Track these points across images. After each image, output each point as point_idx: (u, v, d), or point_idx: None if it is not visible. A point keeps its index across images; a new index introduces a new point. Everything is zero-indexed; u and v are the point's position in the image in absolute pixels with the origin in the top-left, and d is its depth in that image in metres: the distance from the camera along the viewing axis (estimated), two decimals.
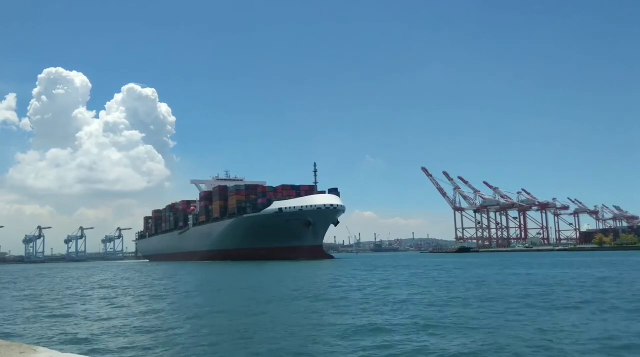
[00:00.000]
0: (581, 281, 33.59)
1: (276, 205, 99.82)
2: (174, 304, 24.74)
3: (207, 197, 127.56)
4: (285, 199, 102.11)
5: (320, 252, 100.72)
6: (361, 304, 22.20)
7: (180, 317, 19.73)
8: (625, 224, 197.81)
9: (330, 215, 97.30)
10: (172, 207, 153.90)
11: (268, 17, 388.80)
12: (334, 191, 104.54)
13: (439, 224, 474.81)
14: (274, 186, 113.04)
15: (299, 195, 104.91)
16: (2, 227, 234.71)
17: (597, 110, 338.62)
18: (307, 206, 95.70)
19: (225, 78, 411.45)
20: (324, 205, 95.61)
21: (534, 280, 35.05)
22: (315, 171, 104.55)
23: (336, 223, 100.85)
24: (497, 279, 37.34)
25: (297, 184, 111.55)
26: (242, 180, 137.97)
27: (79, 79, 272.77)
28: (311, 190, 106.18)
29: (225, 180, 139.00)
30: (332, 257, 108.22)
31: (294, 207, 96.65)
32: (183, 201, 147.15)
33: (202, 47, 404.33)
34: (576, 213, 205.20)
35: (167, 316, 20.40)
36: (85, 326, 18.30)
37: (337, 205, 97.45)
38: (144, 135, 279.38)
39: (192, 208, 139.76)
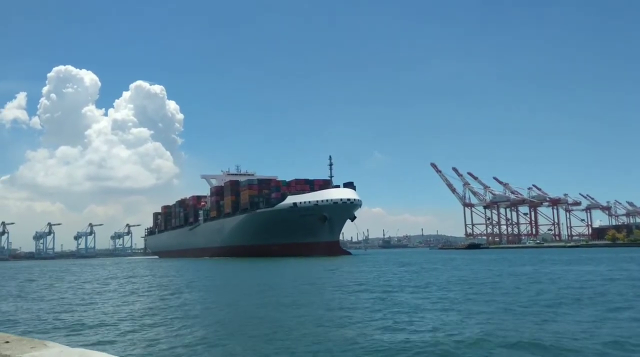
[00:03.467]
0: None
1: (290, 199, 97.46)
2: None
3: (218, 192, 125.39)
4: (299, 194, 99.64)
5: (336, 248, 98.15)
6: None
7: None
8: (638, 219, 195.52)
9: (347, 209, 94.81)
10: (182, 203, 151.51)
11: (276, 13, 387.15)
12: (349, 185, 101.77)
13: (448, 220, 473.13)
14: (286, 180, 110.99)
15: (312, 189, 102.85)
16: (13, 223, 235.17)
17: (610, 105, 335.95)
18: (322, 201, 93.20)
19: (232, 75, 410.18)
20: (340, 199, 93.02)
21: None
22: (331, 165, 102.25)
23: (353, 218, 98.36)
24: None
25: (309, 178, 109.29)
26: (253, 174, 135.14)
27: (88, 77, 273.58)
28: (325, 184, 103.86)
29: (236, 174, 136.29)
30: (349, 253, 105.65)
31: (309, 202, 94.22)
32: (193, 196, 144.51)
33: (210, 44, 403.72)
34: (588, 209, 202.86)
35: None
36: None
37: (354, 199, 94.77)
38: (152, 132, 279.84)
39: (202, 203, 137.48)
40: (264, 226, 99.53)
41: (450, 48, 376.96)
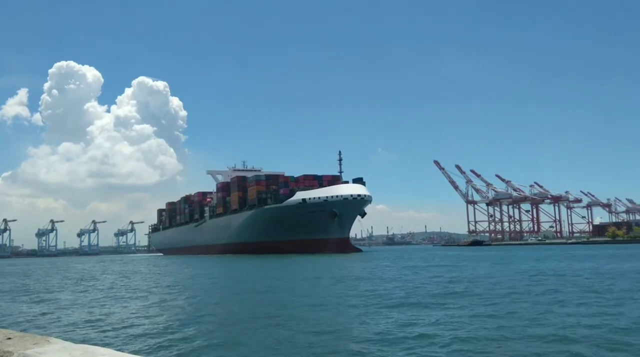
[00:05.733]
0: None
1: (299, 195, 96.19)
2: None
3: (224, 188, 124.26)
4: (308, 189, 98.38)
5: (347, 245, 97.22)
6: None
7: None
8: (638, 216, 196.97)
9: (357, 205, 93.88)
10: (187, 199, 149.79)
11: (283, 10, 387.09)
12: (359, 181, 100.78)
13: (451, 217, 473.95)
14: (294, 175, 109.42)
15: (321, 185, 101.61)
16: (15, 220, 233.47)
17: (610, 102, 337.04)
18: (332, 196, 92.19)
19: (236, 71, 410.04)
20: (351, 195, 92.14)
21: None
22: (340, 160, 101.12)
23: (363, 214, 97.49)
24: None
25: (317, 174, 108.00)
26: (259, 170, 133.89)
27: (90, 73, 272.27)
28: (334, 180, 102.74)
29: (243, 170, 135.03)
30: (359, 250, 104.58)
31: (319, 198, 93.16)
32: (199, 193, 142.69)
33: (214, 40, 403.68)
34: (589, 206, 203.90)
35: None
36: None
37: (364, 195, 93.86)
38: (155, 129, 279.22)
39: (208, 200, 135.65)
40: (272, 222, 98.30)
41: (453, 47, 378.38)
